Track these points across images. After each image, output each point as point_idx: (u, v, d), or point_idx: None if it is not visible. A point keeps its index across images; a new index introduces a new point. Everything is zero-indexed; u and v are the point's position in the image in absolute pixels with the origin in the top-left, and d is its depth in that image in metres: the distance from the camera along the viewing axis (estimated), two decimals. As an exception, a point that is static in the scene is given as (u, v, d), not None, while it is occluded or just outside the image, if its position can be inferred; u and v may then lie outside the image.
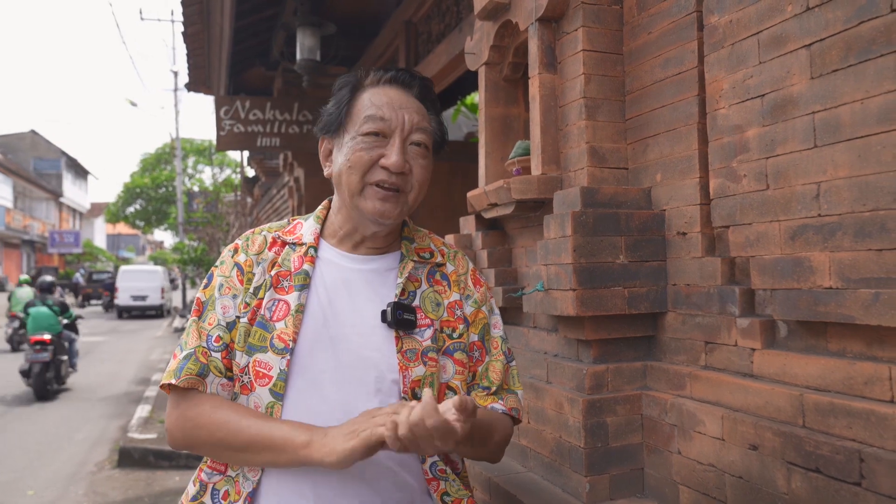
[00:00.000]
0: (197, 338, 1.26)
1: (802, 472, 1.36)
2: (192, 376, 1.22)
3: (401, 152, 1.25)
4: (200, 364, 1.23)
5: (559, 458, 1.91)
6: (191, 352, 1.24)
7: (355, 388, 1.23)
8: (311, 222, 1.38)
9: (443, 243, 1.45)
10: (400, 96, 1.30)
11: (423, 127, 1.30)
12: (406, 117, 1.27)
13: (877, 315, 1.27)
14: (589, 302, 1.81)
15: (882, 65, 1.28)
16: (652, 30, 1.95)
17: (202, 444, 1.23)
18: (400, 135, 1.27)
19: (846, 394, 1.35)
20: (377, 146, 1.26)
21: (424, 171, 1.30)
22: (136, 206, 38.19)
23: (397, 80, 1.32)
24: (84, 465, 6.22)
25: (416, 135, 1.28)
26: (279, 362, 1.22)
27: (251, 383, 1.23)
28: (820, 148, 1.41)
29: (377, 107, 1.27)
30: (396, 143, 1.26)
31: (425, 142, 1.30)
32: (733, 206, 1.65)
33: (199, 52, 7.15)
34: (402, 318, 1.25)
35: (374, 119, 1.26)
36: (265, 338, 1.23)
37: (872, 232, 1.29)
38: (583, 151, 2.02)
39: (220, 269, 1.32)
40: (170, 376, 1.23)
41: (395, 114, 1.27)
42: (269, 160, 12.36)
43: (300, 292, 1.26)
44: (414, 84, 1.33)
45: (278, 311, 1.25)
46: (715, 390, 1.65)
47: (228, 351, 1.25)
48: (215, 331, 1.25)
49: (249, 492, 1.23)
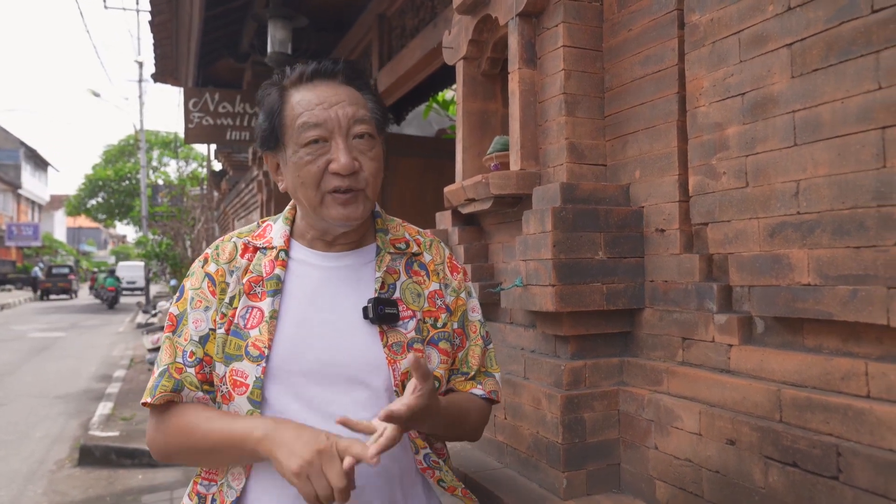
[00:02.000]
0: (171, 354, 1.24)
1: (780, 466, 1.38)
2: (166, 393, 1.22)
3: (346, 152, 1.20)
4: (174, 380, 1.22)
5: (536, 454, 1.91)
6: (164, 369, 1.24)
7: (342, 388, 1.21)
8: (281, 224, 1.34)
9: (417, 232, 1.42)
10: (328, 91, 1.23)
11: (361, 116, 1.23)
12: (341, 113, 1.21)
13: (854, 311, 1.29)
14: (568, 298, 1.81)
15: (862, 65, 1.29)
16: (632, 27, 1.96)
17: (178, 452, 1.23)
18: (340, 134, 1.21)
19: (823, 389, 1.37)
20: (321, 153, 1.21)
21: (374, 162, 1.24)
22: (99, 199, 37.32)
23: (319, 72, 1.25)
24: (43, 463, 6.05)
25: (356, 127, 1.22)
26: (254, 370, 1.19)
27: (229, 393, 1.21)
28: (800, 146, 1.43)
29: (309, 111, 1.21)
30: (340, 144, 1.20)
31: (368, 131, 1.23)
32: (712, 203, 1.66)
33: (166, 42, 7.01)
34: (384, 312, 1.23)
35: (310, 126, 1.20)
36: (240, 346, 1.21)
37: (851, 230, 1.31)
38: (562, 147, 2.02)
39: (191, 280, 1.29)
40: (147, 395, 1.23)
41: (328, 114, 1.20)
42: (236, 154, 12.16)
43: (273, 298, 1.24)
44: (337, 71, 1.26)
45: (252, 319, 1.23)
46: (692, 386, 1.66)
47: (203, 365, 1.23)
48: (189, 346, 1.24)
49: (233, 500, 1.20)
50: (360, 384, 1.22)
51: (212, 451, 1.19)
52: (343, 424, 1.07)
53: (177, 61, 7.47)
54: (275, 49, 5.49)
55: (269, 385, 1.20)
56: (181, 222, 19.06)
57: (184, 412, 1.22)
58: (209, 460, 1.23)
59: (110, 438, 6.34)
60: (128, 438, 6.38)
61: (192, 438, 1.19)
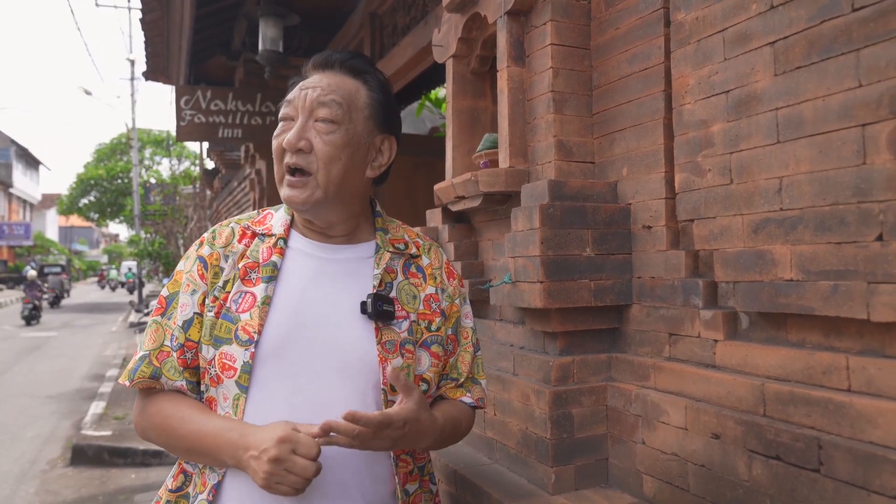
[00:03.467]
0: (155, 339, 1.26)
1: (763, 459, 1.39)
2: (144, 379, 1.24)
3: (297, 130, 1.21)
4: (153, 367, 1.24)
5: (525, 450, 1.92)
6: (145, 354, 1.25)
7: (331, 379, 1.22)
8: (282, 213, 1.36)
9: (417, 235, 1.44)
10: (315, 78, 1.28)
11: (326, 100, 1.23)
12: (310, 95, 1.23)
13: (835, 306, 1.31)
14: (556, 294, 1.82)
15: (843, 63, 1.31)
16: (619, 25, 1.97)
17: (159, 443, 1.27)
18: (303, 113, 1.23)
19: (805, 383, 1.39)
20: (285, 129, 1.25)
21: (329, 147, 1.22)
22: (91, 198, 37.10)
23: (316, 64, 1.30)
24: (35, 463, 6.04)
25: (318, 111, 1.23)
26: (243, 354, 1.20)
27: (217, 376, 1.22)
28: (783, 143, 1.44)
29: (290, 92, 1.27)
30: (298, 123, 1.23)
31: (330, 116, 1.23)
32: (698, 200, 1.68)
33: (157, 40, 6.98)
34: (381, 309, 1.24)
35: (285, 104, 1.27)
36: (230, 329, 1.22)
37: (832, 225, 1.32)
38: (550, 145, 2.03)
39: (185, 263, 1.30)
40: (125, 377, 1.25)
41: (299, 93, 1.25)
42: (229, 152, 12.14)
43: (267, 284, 1.24)
44: (333, 62, 1.29)
45: (244, 303, 1.24)
46: (678, 381, 1.68)
47: (184, 350, 1.24)
48: (176, 330, 1.25)
49: (214, 484, 1.21)
50: (349, 378, 1.23)
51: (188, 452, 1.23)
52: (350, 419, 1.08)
53: (168, 59, 7.42)
54: (266, 47, 5.47)
55: (258, 370, 1.21)
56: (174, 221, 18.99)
57: (162, 407, 1.24)
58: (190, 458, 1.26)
59: (103, 438, 6.33)
60: (120, 438, 6.36)
61: (171, 438, 1.23)
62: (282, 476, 1.07)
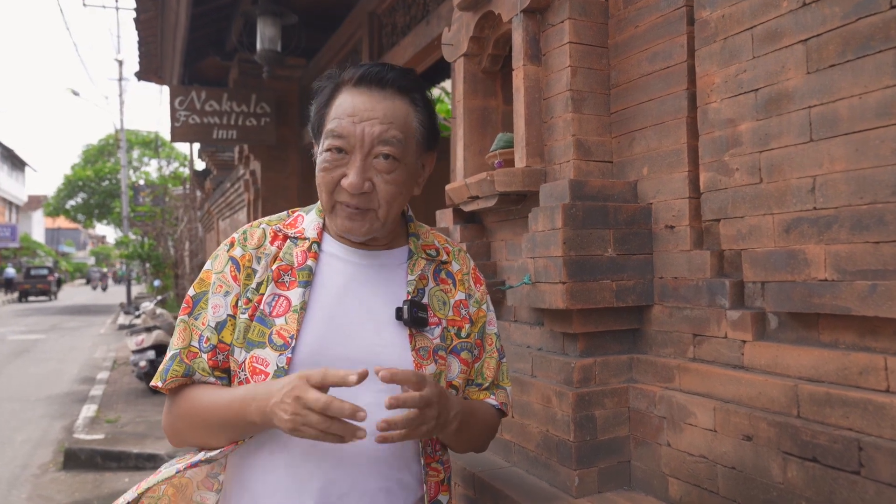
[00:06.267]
0: (184, 338, 1.23)
1: (798, 461, 1.38)
2: (177, 378, 1.21)
3: (359, 173, 1.16)
4: (185, 365, 1.21)
5: (546, 453, 1.90)
6: (176, 353, 1.22)
7: (364, 386, 1.19)
8: (314, 216, 1.32)
9: (446, 241, 1.42)
10: (366, 103, 1.19)
11: (388, 138, 1.17)
12: (366, 131, 1.17)
13: (874, 306, 1.30)
14: (578, 295, 1.80)
15: (881, 60, 1.30)
16: (639, 23, 1.95)
17: (185, 433, 1.23)
18: (360, 151, 1.17)
19: (841, 384, 1.37)
20: (339, 164, 1.18)
21: (392, 187, 1.19)
22: (78, 200, 36.79)
23: (366, 78, 1.21)
24: (27, 467, 5.94)
25: (379, 147, 1.18)
26: (277, 359, 1.17)
27: (247, 379, 1.19)
28: (816, 142, 1.43)
29: (339, 119, 1.18)
30: (357, 161, 1.17)
31: (391, 153, 1.18)
32: (725, 199, 1.66)
33: (151, 40, 6.91)
34: (416, 315, 1.22)
35: (334, 135, 1.18)
36: (264, 333, 1.19)
37: (870, 224, 1.31)
38: (569, 144, 2.01)
39: (214, 263, 1.26)
40: (158, 378, 1.22)
41: (354, 129, 1.17)
42: (220, 153, 12.05)
43: (304, 289, 1.21)
44: (387, 81, 1.21)
45: (278, 307, 1.21)
46: (705, 382, 1.66)
47: (216, 352, 1.21)
48: (206, 332, 1.22)
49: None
50: (384, 384, 1.20)
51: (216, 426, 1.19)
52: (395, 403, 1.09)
53: (162, 59, 7.36)
54: (264, 46, 5.43)
55: None
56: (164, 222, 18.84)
57: (190, 393, 1.22)
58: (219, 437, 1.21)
59: (96, 441, 6.24)
60: (114, 441, 6.28)
61: (198, 417, 1.19)
62: (304, 415, 1.03)
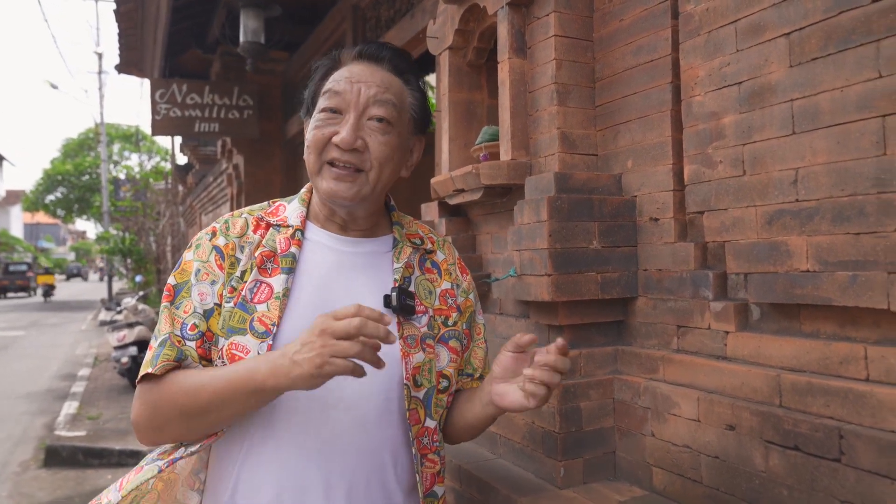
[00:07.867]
0: (170, 324, 1.19)
1: (780, 449, 1.40)
2: (169, 362, 1.15)
3: (353, 128, 1.18)
4: (177, 349, 1.16)
5: (531, 444, 1.91)
6: (165, 338, 1.17)
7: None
8: (296, 205, 1.32)
9: (429, 230, 1.42)
10: (364, 70, 1.23)
11: (383, 100, 1.20)
12: (363, 90, 1.20)
13: (854, 296, 1.31)
14: (563, 287, 1.81)
15: (862, 54, 1.31)
16: (624, 17, 1.96)
17: (167, 421, 1.14)
18: (355, 109, 1.19)
19: (822, 373, 1.39)
20: (332, 123, 1.20)
21: (385, 148, 1.20)
22: (57, 194, 36.30)
23: (364, 54, 1.25)
24: (7, 465, 5.88)
25: (373, 109, 1.20)
26: (258, 346, 1.15)
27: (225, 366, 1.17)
28: (798, 135, 1.44)
29: (336, 82, 1.22)
30: (350, 118, 1.19)
31: (386, 116, 1.20)
32: (708, 191, 1.68)
33: (132, 32, 6.82)
34: (405, 303, 1.22)
35: (330, 94, 1.21)
36: (245, 319, 1.17)
37: (851, 216, 1.33)
38: (554, 137, 2.01)
39: (196, 252, 1.24)
40: (147, 366, 1.15)
41: (350, 87, 1.20)
42: (203, 147, 11.93)
43: (287, 276, 1.21)
44: (383, 56, 1.25)
45: (260, 294, 1.19)
46: (689, 373, 1.68)
47: (204, 340, 1.18)
48: (191, 318, 1.18)
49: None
50: (372, 372, 1.20)
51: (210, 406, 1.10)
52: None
53: (142, 52, 7.26)
54: (248, 38, 5.38)
55: None
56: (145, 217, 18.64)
57: (177, 377, 1.14)
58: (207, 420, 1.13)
59: (77, 438, 6.19)
60: (95, 438, 6.23)
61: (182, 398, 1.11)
62: (332, 345, 0.99)
